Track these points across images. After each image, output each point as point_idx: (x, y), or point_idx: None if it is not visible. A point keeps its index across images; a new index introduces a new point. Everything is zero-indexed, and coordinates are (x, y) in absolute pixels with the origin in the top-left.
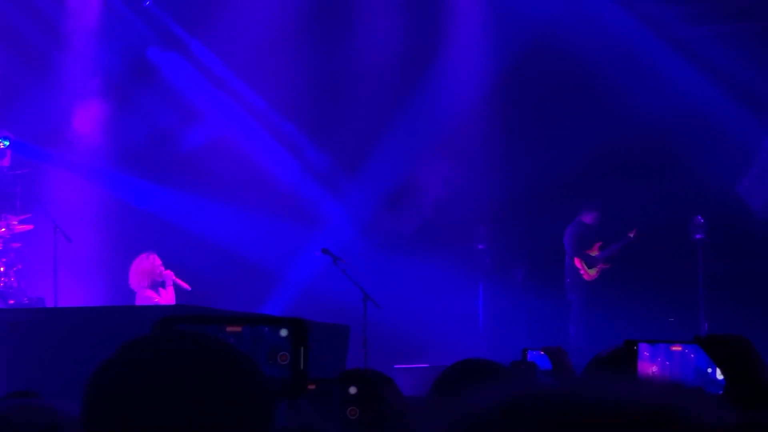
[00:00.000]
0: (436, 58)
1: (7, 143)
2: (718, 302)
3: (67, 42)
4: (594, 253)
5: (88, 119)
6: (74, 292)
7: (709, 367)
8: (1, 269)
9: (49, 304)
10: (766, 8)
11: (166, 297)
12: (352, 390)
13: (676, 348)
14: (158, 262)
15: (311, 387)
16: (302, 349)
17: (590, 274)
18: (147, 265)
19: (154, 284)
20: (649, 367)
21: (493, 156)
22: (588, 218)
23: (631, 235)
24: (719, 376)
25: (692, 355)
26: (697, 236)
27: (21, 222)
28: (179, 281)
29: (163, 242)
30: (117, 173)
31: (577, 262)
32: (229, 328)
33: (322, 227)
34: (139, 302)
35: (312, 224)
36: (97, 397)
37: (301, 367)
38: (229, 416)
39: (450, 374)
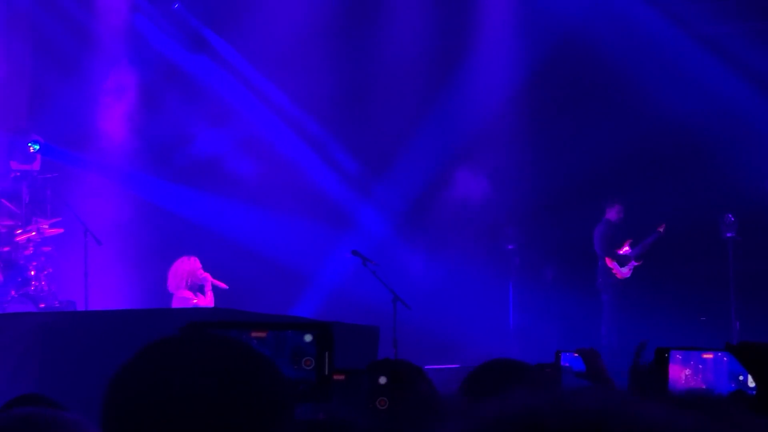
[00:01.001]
0: (464, 58)
1: (37, 147)
2: (750, 301)
3: (96, 45)
4: (624, 251)
5: (117, 122)
6: (105, 295)
7: (741, 374)
8: (32, 273)
9: (80, 307)
10: None
11: (205, 300)
12: (382, 380)
13: (708, 355)
14: (198, 264)
15: (340, 378)
16: (327, 354)
17: (622, 272)
18: (187, 266)
19: (192, 287)
20: (681, 372)
21: (522, 156)
22: (612, 214)
23: (661, 230)
24: (752, 383)
25: (725, 362)
26: (728, 234)
27: (51, 226)
28: (216, 281)
29: (193, 244)
30: (147, 176)
31: (608, 261)
32: (254, 333)
33: (352, 228)
34: (176, 304)
35: (342, 226)
36: (116, 398)
37: (326, 372)
38: (246, 417)
39: (479, 374)
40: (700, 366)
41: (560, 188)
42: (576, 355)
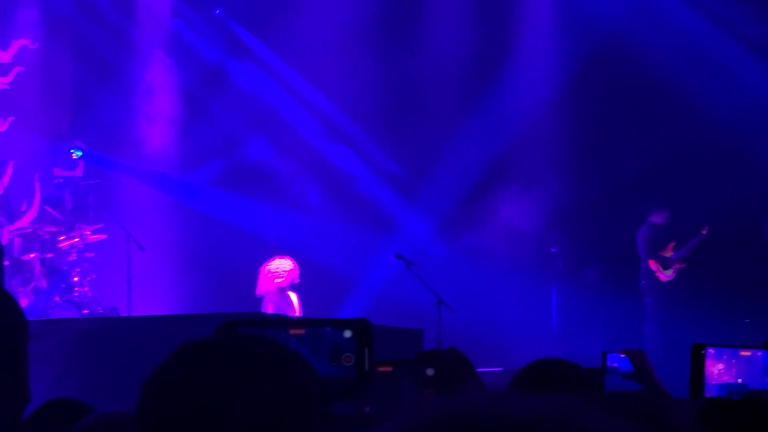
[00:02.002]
0: (506, 61)
1: (80, 154)
2: None
3: (137, 51)
4: (668, 253)
5: (159, 128)
6: (148, 301)
7: None
8: (76, 279)
9: (123, 313)
10: None
11: (292, 303)
12: (429, 372)
13: (745, 353)
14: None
15: (387, 369)
16: (366, 350)
17: (666, 274)
18: (293, 270)
19: (284, 290)
20: (714, 367)
21: (565, 158)
22: (658, 218)
23: (704, 232)
24: None
25: (761, 359)
26: None
27: (94, 232)
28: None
29: (236, 249)
30: (189, 181)
31: (652, 264)
32: (292, 331)
33: (396, 232)
34: (271, 306)
35: (386, 229)
36: (149, 400)
37: (366, 367)
38: (278, 418)
39: (526, 374)
40: (734, 361)
41: (602, 191)
42: (623, 355)
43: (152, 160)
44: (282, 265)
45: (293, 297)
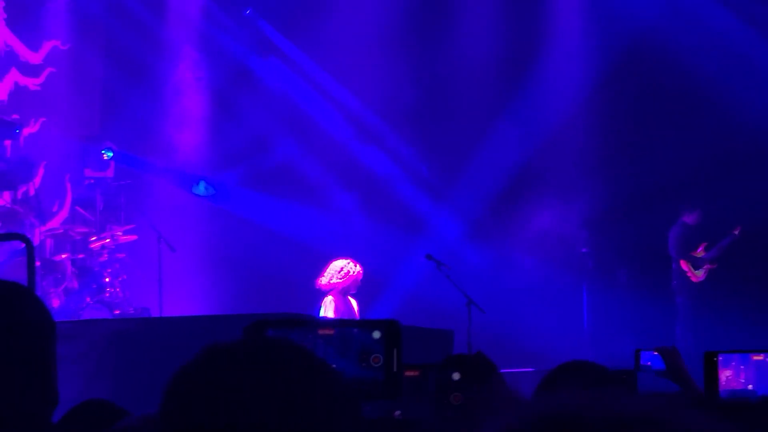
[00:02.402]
0: (536, 61)
1: (110, 154)
2: None
3: (168, 51)
4: (700, 254)
5: (190, 128)
6: (179, 302)
7: None
8: (107, 280)
9: (154, 313)
10: None
11: (353, 308)
12: (456, 376)
13: (758, 357)
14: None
15: (415, 374)
16: (395, 350)
17: (697, 275)
18: (357, 274)
19: (344, 293)
20: (728, 373)
21: (596, 158)
22: (690, 219)
23: (736, 232)
24: None
25: None
26: None
27: (125, 233)
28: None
29: (267, 250)
30: (219, 181)
31: (683, 264)
32: (321, 331)
33: (427, 232)
34: (325, 305)
35: (416, 229)
36: (173, 399)
37: (395, 368)
38: (302, 423)
39: (554, 376)
40: (742, 367)
41: (633, 191)
42: (656, 353)
43: (183, 161)
44: (348, 267)
45: (353, 303)
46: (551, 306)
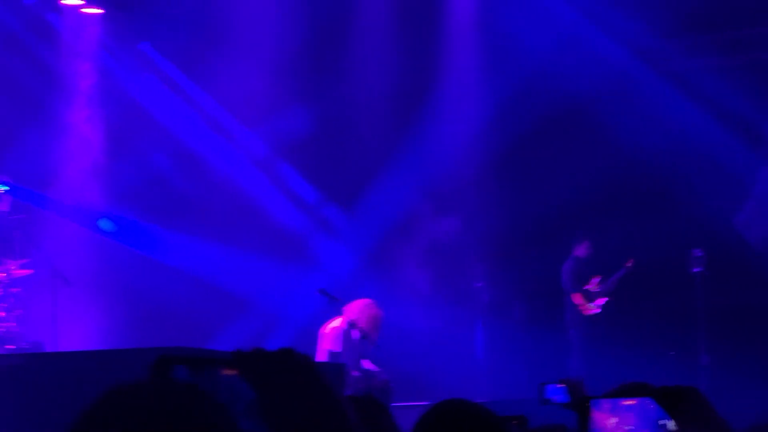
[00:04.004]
0: (431, 94)
1: (6, 188)
2: (718, 335)
3: (63, 85)
4: (593, 287)
5: (85, 162)
6: (74, 336)
7: (664, 419)
8: (2, 314)
9: (49, 348)
10: (760, 40)
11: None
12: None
13: (630, 402)
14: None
15: None
16: None
17: (590, 309)
18: (378, 312)
19: (363, 331)
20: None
21: (490, 193)
22: (580, 251)
23: (629, 265)
24: (673, 427)
25: (650, 407)
26: (696, 269)
27: (20, 267)
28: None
29: (162, 284)
30: (114, 216)
31: (576, 298)
32: (226, 371)
33: (321, 266)
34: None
35: (311, 263)
36: None
37: None
38: None
39: (430, 417)
40: (625, 416)
41: (528, 225)
42: (560, 386)
43: (78, 195)
44: (373, 312)
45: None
46: (446, 340)
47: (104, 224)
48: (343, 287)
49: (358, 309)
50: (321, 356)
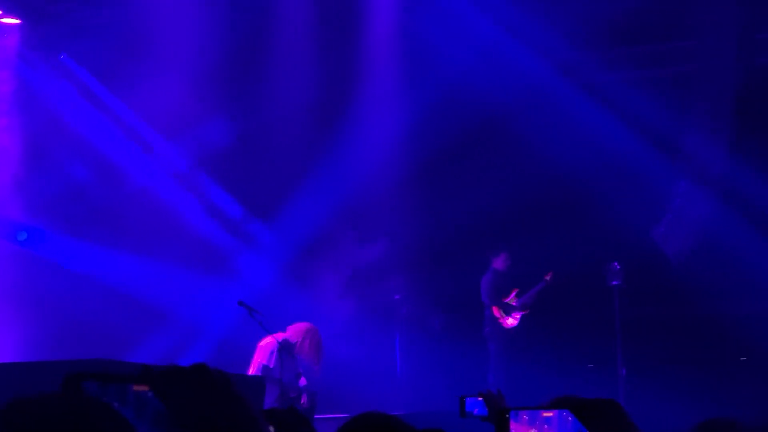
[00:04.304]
0: (352, 106)
1: None
2: (635, 348)
3: None
4: (511, 300)
5: (2, 173)
6: None
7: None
8: None
9: None
10: (677, 54)
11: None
12: (270, 430)
13: (548, 414)
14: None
15: None
16: None
17: (509, 322)
18: (317, 337)
19: (305, 356)
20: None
21: (409, 206)
22: (498, 263)
23: (548, 278)
24: None
25: (569, 419)
26: (614, 282)
27: None
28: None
29: (80, 295)
30: (31, 227)
31: (495, 311)
32: (136, 387)
33: (240, 278)
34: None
35: (230, 275)
36: None
37: None
38: None
39: (348, 430)
40: (546, 426)
41: (446, 237)
42: (480, 399)
43: None
44: (314, 336)
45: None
46: (365, 352)
47: (21, 235)
48: (262, 299)
49: (299, 332)
50: (254, 369)
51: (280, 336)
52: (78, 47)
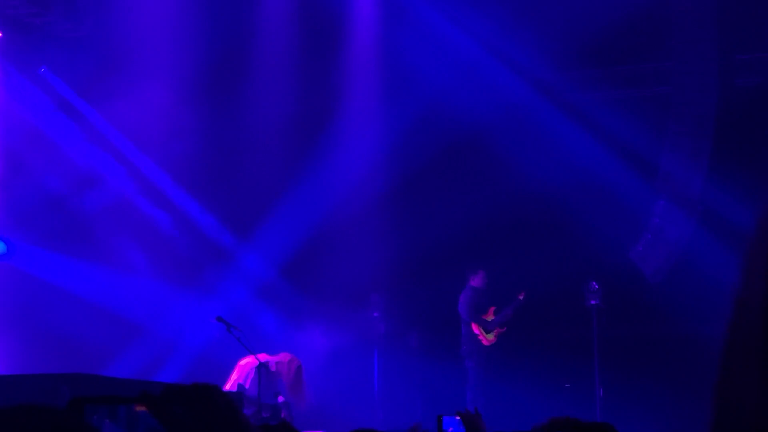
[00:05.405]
0: (331, 124)
1: None
2: (613, 368)
3: None
4: (489, 318)
5: None
6: None
7: None
8: None
9: None
10: (655, 75)
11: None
12: None
13: None
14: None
15: None
16: None
17: (489, 339)
18: (299, 368)
19: (284, 386)
20: None
21: (388, 223)
22: (476, 281)
23: (521, 297)
24: None
25: None
26: (592, 302)
27: None
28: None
29: (56, 308)
30: (7, 239)
31: (475, 328)
32: (138, 407)
33: (218, 293)
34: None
35: (208, 291)
36: None
37: None
38: None
39: None
40: None
41: (425, 255)
42: (457, 418)
43: None
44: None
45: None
46: (342, 370)
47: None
48: (239, 315)
49: (282, 364)
50: (230, 385)
51: (262, 357)
52: (58, 60)
